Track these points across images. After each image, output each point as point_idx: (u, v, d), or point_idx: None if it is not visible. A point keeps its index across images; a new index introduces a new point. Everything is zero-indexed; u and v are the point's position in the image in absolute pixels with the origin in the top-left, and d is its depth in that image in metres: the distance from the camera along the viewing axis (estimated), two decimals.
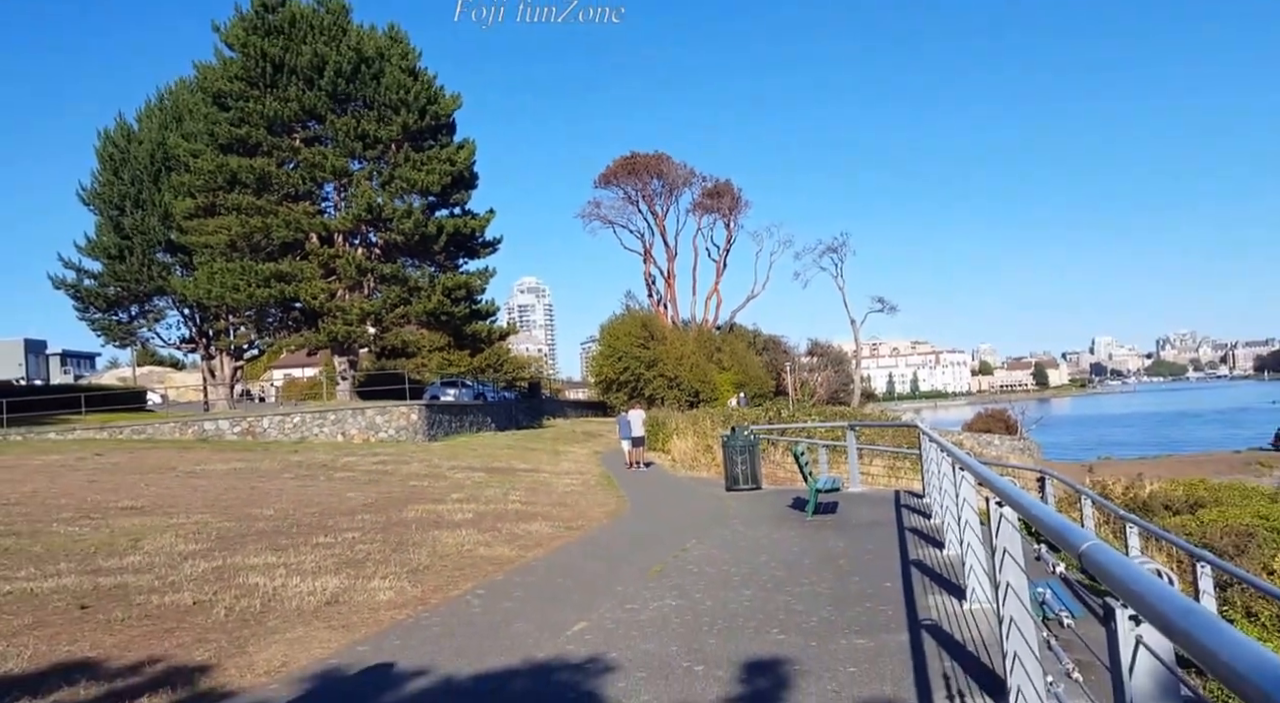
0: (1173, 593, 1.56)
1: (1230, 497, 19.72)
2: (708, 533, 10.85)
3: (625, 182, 64.92)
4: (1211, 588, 7.31)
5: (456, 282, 35.70)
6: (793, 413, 38.57)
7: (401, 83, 33.92)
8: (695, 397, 50.76)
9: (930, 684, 4.73)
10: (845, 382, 72.31)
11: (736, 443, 15.87)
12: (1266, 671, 1.12)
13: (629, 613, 6.70)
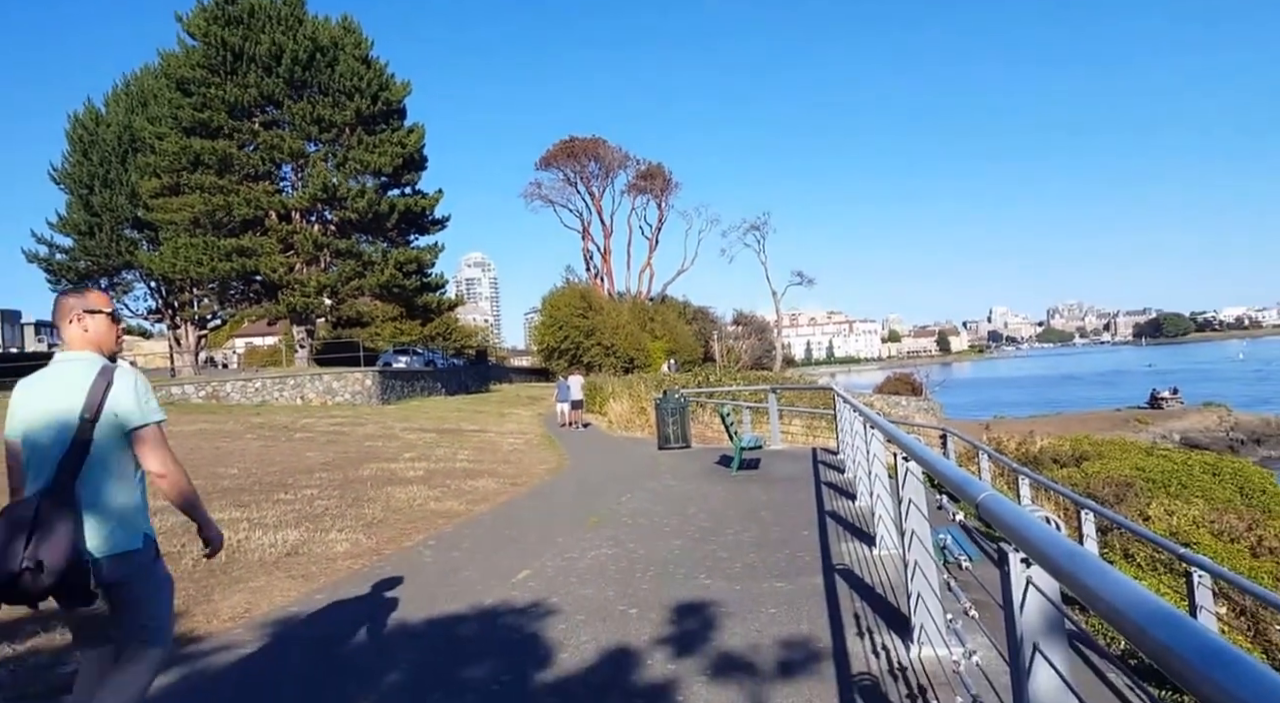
0: (1059, 538, 1.61)
1: (1111, 451, 20.50)
2: (641, 488, 10.93)
3: (565, 164, 64.99)
4: (1094, 533, 7.62)
5: (408, 256, 36.15)
6: (720, 378, 38.87)
7: (355, 70, 34.06)
8: (630, 363, 50.89)
9: (843, 623, 4.85)
10: (768, 349, 73.14)
11: (668, 405, 15.98)
12: (1142, 606, 1.16)
13: (569, 561, 6.74)
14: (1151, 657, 1.09)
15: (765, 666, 4.22)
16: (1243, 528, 12.04)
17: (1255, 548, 11.44)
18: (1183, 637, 1.02)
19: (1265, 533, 11.96)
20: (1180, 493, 14.79)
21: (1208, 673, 0.93)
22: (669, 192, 67.43)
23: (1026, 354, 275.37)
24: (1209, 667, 0.94)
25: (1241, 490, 15.67)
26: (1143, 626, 1.11)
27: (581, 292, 57.08)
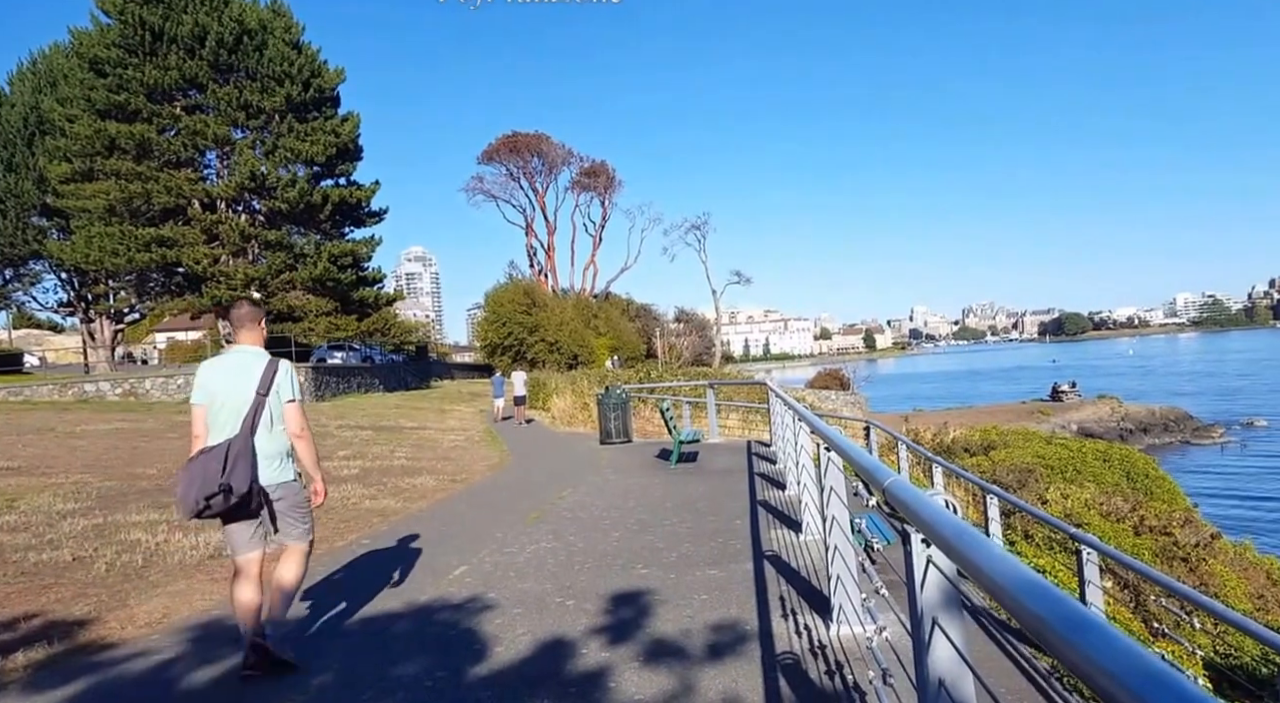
0: (953, 519, 1.66)
1: (1016, 440, 21.17)
2: (582, 482, 10.88)
3: (507, 159, 63.90)
4: (998, 516, 7.86)
5: (343, 249, 34.35)
6: (661, 373, 38.95)
7: (285, 55, 32.03)
8: (574, 359, 50.65)
9: (769, 606, 4.91)
10: (708, 346, 73.64)
11: (610, 401, 15.96)
12: (1018, 579, 1.21)
13: (507, 556, 6.63)
14: (1025, 625, 1.13)
15: (696, 650, 4.24)
16: (1127, 509, 12.56)
17: (1138, 527, 11.95)
18: (1051, 606, 1.06)
19: (1146, 513, 12.51)
20: (1075, 478, 15.38)
21: (1069, 638, 0.97)
22: (613, 189, 67.18)
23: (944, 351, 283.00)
24: (1071, 632, 0.98)
25: (1128, 475, 16.37)
26: (1018, 596, 1.15)
27: (525, 288, 56.50)
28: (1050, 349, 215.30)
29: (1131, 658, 0.85)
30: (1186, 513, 14.59)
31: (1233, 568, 11.88)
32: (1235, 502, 27.01)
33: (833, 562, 4.19)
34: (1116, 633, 0.93)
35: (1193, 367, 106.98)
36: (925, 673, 1.97)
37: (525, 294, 54.52)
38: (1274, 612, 10.92)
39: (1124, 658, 0.86)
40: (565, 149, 65.23)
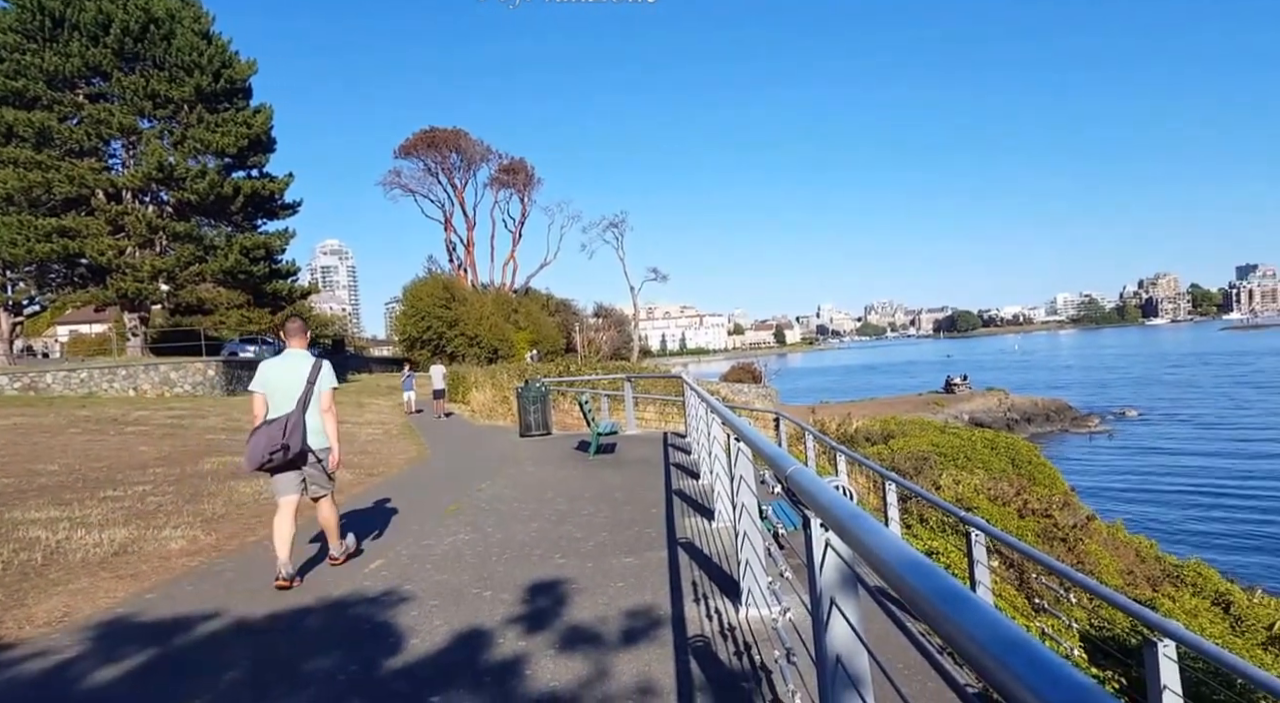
0: (847, 504, 1.72)
1: (913, 430, 22.01)
2: (501, 474, 10.76)
3: (425, 154, 62.29)
4: (896, 501, 8.15)
5: (255, 242, 33.04)
6: (580, 367, 38.87)
7: (194, 45, 30.76)
8: (494, 353, 49.99)
9: (683, 591, 4.97)
10: (626, 340, 73.76)
11: (530, 394, 15.81)
12: (901, 556, 1.26)
13: (424, 549, 6.51)
14: (907, 600, 1.18)
15: (611, 636, 4.26)
16: (1012, 493, 13.23)
17: (1022, 510, 12.59)
18: (929, 582, 1.12)
19: (1030, 497, 13.20)
20: (966, 465, 16.09)
21: (944, 610, 1.02)
22: (531, 187, 66.31)
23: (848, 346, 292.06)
24: (945, 605, 1.03)
25: (1013, 462, 17.22)
26: (901, 574, 1.21)
27: (445, 282, 55.37)
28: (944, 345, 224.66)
29: (995, 628, 0.91)
30: (1065, 497, 15.45)
31: (1106, 547, 12.61)
32: (1109, 486, 28.72)
33: (742, 547, 4.28)
34: (984, 606, 0.99)
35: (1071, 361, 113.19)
36: (824, 651, 2.04)
37: (444, 288, 53.44)
38: (1142, 586, 11.64)
39: (989, 628, 0.91)
40: (484, 146, 64.16)
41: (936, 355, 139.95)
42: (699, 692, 3.49)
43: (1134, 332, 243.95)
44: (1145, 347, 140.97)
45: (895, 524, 8.13)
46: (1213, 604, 11.19)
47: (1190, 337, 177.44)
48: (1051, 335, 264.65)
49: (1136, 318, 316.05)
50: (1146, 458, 34.99)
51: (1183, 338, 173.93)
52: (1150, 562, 13.11)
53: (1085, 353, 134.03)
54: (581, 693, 3.56)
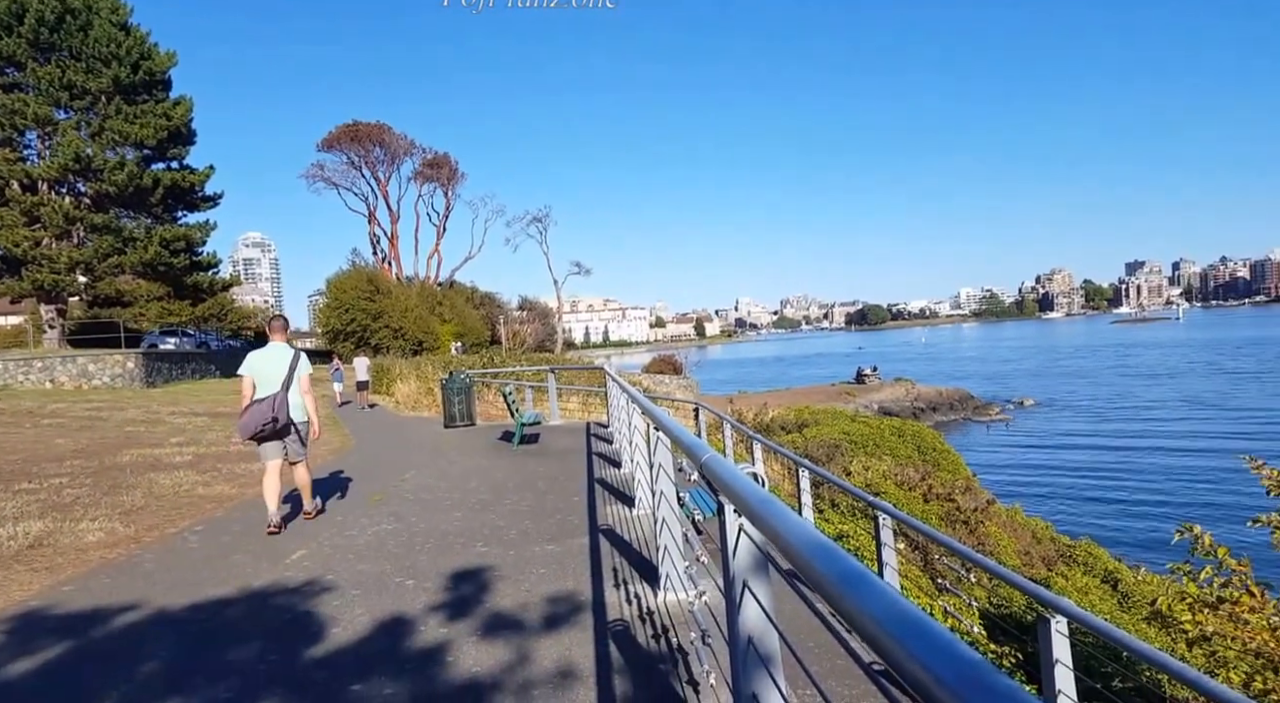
0: (758, 490, 1.74)
1: (825, 418, 22.57)
2: (425, 465, 10.57)
3: (348, 147, 60.63)
4: (809, 487, 8.33)
5: (175, 234, 32.00)
6: (505, 359, 38.44)
7: (112, 36, 29.46)
8: (419, 345, 49.01)
9: (603, 577, 4.98)
10: (550, 333, 73.33)
11: (454, 385, 15.58)
12: (806, 539, 1.28)
13: (347, 539, 6.35)
14: (810, 581, 1.20)
15: (532, 621, 4.24)
16: (918, 479, 13.72)
17: (926, 495, 13.07)
18: (831, 563, 1.14)
19: (934, 483, 13.71)
20: (875, 452, 16.59)
21: (845, 590, 1.05)
22: (455, 181, 65.25)
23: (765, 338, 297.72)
24: (846, 585, 1.05)
25: (919, 449, 17.84)
26: (806, 556, 1.23)
27: (369, 275, 53.96)
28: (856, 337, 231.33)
29: (893, 607, 0.93)
30: (967, 482, 16.10)
31: (1005, 529, 13.20)
32: (1008, 470, 30.10)
33: (661, 534, 4.31)
34: (883, 586, 1.01)
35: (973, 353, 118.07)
36: (737, 632, 2.07)
37: (369, 281, 52.08)
38: (1038, 566, 12.22)
39: (887, 607, 0.94)
40: (407, 140, 62.78)
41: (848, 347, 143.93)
42: (617, 674, 3.51)
43: (1032, 325, 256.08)
44: (1042, 339, 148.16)
45: (808, 509, 8.32)
46: (1102, 582, 11.83)
47: (1083, 330, 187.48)
48: (955, 328, 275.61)
49: (1034, 312, 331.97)
50: (1042, 444, 36.81)
51: (1076, 331, 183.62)
52: (1046, 543, 13.77)
53: (986, 345, 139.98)
54: (503, 678, 3.53)
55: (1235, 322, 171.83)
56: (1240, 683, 4.67)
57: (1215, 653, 4.99)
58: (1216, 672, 4.89)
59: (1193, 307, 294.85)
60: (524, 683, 3.47)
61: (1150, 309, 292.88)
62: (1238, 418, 39.40)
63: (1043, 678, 3.96)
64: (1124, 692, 6.07)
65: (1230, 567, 5.21)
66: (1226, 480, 23.57)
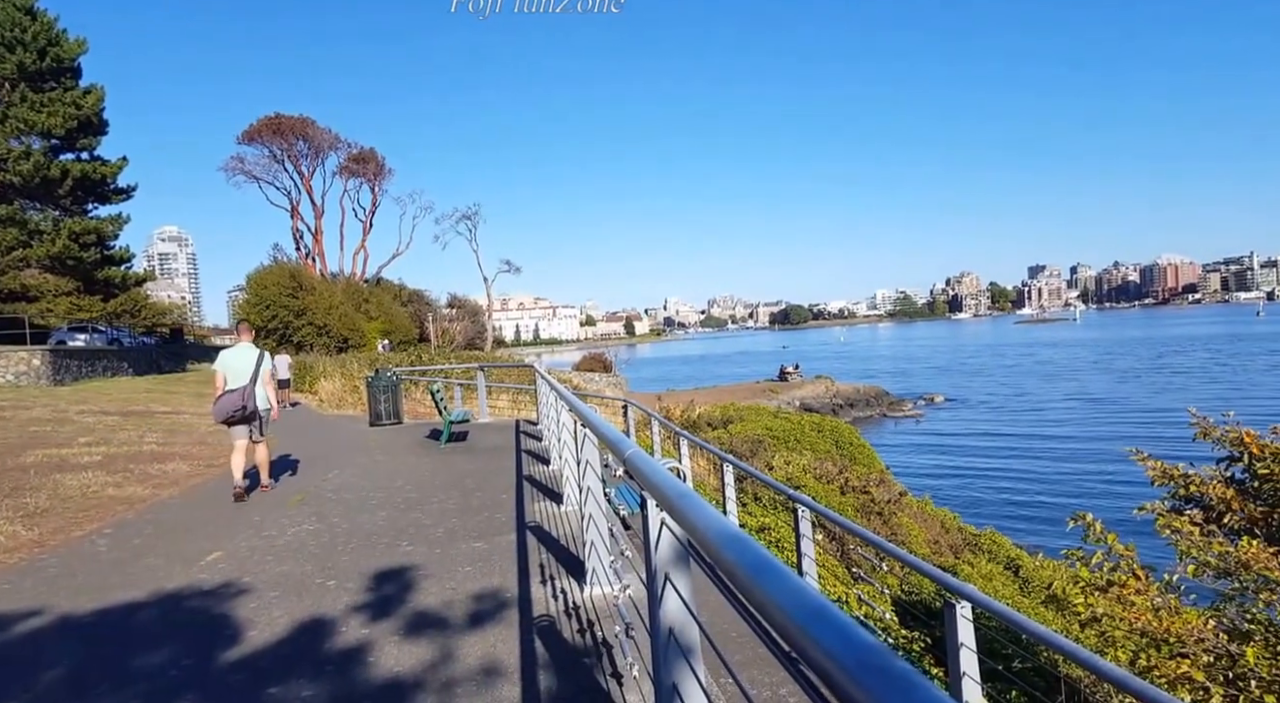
0: (678, 485, 1.75)
1: (750, 415, 22.91)
2: (349, 463, 10.28)
3: (270, 141, 58.15)
4: (733, 481, 8.45)
5: (85, 227, 30.47)
6: (433, 357, 37.71)
7: (16, 21, 27.92)
8: (344, 343, 47.59)
9: (530, 573, 4.94)
10: (480, 331, 72.21)
11: (380, 383, 15.21)
12: (721, 531, 1.30)
13: (266, 540, 6.12)
14: (724, 571, 1.22)
15: (457, 619, 4.17)
16: (835, 472, 14.07)
17: (843, 488, 13.41)
18: (743, 554, 1.15)
19: (850, 476, 14.09)
20: (796, 447, 16.94)
21: (756, 580, 1.06)
22: (382, 177, 63.42)
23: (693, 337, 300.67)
24: (756, 575, 1.07)
25: (837, 444, 18.30)
26: (721, 548, 1.24)
27: (291, 271, 51.95)
28: (780, 336, 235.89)
29: (800, 596, 0.95)
30: (881, 475, 16.60)
31: (916, 519, 13.65)
32: (919, 463, 31.16)
33: (587, 529, 4.30)
34: (791, 576, 1.03)
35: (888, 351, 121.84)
36: (658, 624, 2.08)
37: (291, 277, 50.16)
38: (946, 555, 12.67)
39: (794, 596, 0.95)
40: (332, 134, 60.62)
41: (773, 346, 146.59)
42: (542, 669, 3.48)
43: (943, 325, 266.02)
44: (952, 339, 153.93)
45: (732, 503, 8.43)
46: (1005, 569, 12.34)
47: (989, 330, 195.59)
48: (872, 328, 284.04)
49: (944, 313, 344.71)
50: (951, 439, 38.24)
51: (983, 331, 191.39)
52: (953, 532, 14.30)
53: (900, 344, 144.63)
54: (426, 677, 3.46)
55: (1126, 323, 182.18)
56: (1127, 660, 4.94)
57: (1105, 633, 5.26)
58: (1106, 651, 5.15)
59: (1089, 308, 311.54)
60: (447, 681, 3.41)
61: (1050, 311, 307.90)
62: (1125, 413, 41.73)
63: (948, 661, 4.11)
64: (1023, 672, 6.36)
65: (1118, 552, 5.51)
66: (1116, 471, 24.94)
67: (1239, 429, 6.01)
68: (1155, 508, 5.97)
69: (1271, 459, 5.73)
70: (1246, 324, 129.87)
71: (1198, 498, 6.06)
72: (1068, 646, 3.57)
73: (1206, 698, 4.50)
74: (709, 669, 3.07)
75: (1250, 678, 4.46)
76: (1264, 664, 4.45)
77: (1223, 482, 6.00)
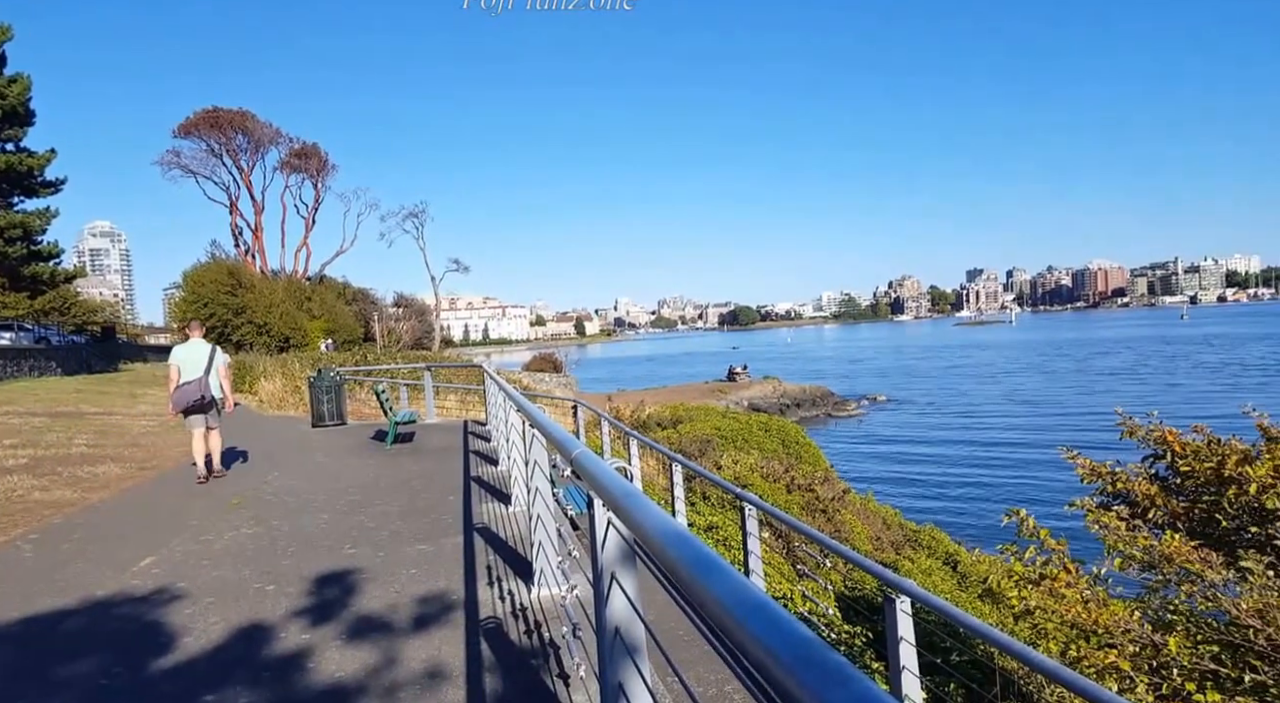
0: (624, 484, 1.76)
1: (699, 415, 23.05)
2: (291, 465, 10.03)
3: (208, 134, 56.15)
4: (682, 480, 8.50)
5: (10, 220, 29.34)
6: (379, 357, 37.02)
7: None
8: (286, 342, 46.35)
9: (476, 575, 4.89)
10: (428, 330, 71.10)
11: (323, 383, 14.88)
12: (665, 529, 1.30)
13: (203, 544, 5.92)
14: (668, 569, 1.22)
15: (401, 623, 4.10)
16: (782, 471, 14.25)
17: (789, 486, 13.60)
18: (686, 551, 1.16)
19: (796, 474, 14.29)
20: (743, 446, 17.11)
21: (698, 577, 1.07)
22: (325, 173, 61.75)
23: (643, 338, 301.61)
24: (699, 571, 1.08)
25: (784, 443, 18.54)
26: (664, 546, 1.25)
27: (230, 268, 50.33)
28: (729, 337, 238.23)
29: (740, 592, 0.96)
30: (826, 473, 16.87)
31: (859, 517, 13.90)
32: (863, 461, 31.77)
33: (536, 530, 4.27)
34: (732, 572, 1.04)
35: (833, 352, 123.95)
36: (604, 623, 2.08)
37: (230, 274, 48.61)
38: (887, 551, 12.93)
39: (734, 592, 0.97)
40: (273, 128, 58.80)
41: (721, 347, 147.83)
42: (488, 672, 3.45)
43: (885, 326, 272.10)
44: (894, 340, 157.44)
45: (681, 502, 8.48)
46: (944, 564, 12.65)
47: (930, 331, 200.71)
48: (818, 329, 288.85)
49: (887, 314, 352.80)
50: (893, 437, 39.09)
51: (924, 332, 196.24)
52: (895, 528, 14.61)
53: (845, 345, 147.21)
54: (368, 681, 3.40)
55: (1059, 325, 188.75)
56: (1058, 651, 5.11)
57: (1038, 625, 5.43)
58: (1039, 642, 5.33)
59: (1024, 311, 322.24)
60: (391, 686, 3.36)
61: (987, 313, 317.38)
62: (1058, 413, 43.19)
63: (889, 654, 4.20)
64: (961, 664, 6.53)
65: (1050, 547, 5.70)
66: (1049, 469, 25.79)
67: (1162, 428, 6.27)
68: (1085, 504, 6.19)
69: (1192, 457, 5.99)
70: (1171, 327, 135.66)
71: (1124, 494, 6.31)
72: (1002, 639, 3.68)
73: (1132, 687, 4.68)
74: (655, 668, 3.09)
75: (1173, 667, 4.66)
76: (1185, 654, 4.65)
77: (1147, 479, 6.26)
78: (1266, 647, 4.39)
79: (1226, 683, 4.48)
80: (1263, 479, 5.27)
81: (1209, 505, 5.76)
